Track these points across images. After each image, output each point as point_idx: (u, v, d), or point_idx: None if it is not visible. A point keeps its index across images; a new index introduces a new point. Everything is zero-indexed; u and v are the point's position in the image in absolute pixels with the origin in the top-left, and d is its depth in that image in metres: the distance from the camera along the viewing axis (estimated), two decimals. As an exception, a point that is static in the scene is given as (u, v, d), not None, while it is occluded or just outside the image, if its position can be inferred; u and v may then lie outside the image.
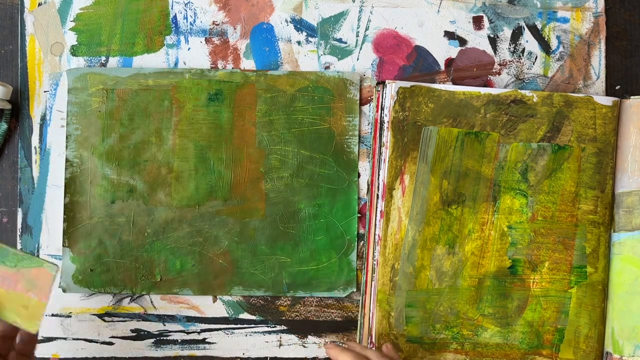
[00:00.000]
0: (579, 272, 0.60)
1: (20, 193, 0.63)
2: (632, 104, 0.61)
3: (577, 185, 0.60)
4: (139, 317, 0.63)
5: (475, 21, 0.64)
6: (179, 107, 0.62)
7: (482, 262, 0.60)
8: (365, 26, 0.64)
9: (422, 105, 0.60)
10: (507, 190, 0.60)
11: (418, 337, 0.60)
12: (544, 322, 0.60)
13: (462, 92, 0.60)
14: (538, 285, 0.60)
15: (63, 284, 0.62)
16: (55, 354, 0.62)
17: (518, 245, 0.60)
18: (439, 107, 0.60)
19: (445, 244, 0.60)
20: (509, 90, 0.61)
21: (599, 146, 0.60)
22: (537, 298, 0.60)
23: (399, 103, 0.60)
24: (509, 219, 0.60)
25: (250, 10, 0.64)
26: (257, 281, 0.62)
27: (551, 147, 0.60)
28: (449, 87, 0.61)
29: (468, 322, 0.60)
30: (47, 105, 0.63)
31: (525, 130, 0.60)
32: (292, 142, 0.62)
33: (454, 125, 0.60)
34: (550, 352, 0.60)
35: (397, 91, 0.60)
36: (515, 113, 0.60)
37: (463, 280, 0.60)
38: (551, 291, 0.60)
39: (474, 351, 0.60)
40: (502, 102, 0.60)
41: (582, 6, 0.64)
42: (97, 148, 0.62)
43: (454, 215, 0.60)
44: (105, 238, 0.62)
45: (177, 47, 0.64)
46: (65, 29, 0.64)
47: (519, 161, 0.60)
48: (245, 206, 0.62)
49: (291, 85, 0.63)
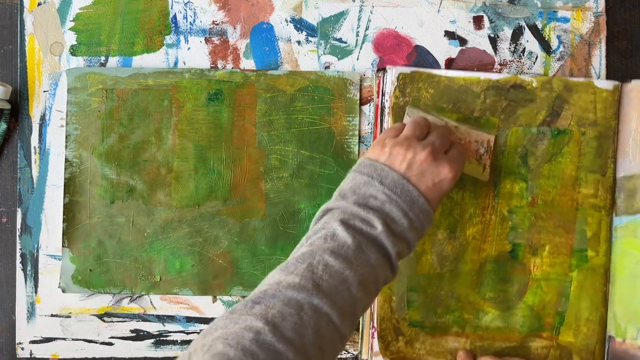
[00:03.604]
0: (579, 255, 0.60)
1: (20, 193, 0.63)
2: (633, 87, 0.61)
3: (577, 169, 0.60)
4: (138, 317, 0.62)
5: (475, 21, 0.64)
6: (179, 107, 0.62)
7: (483, 246, 0.60)
8: (365, 26, 0.64)
9: (422, 90, 0.60)
10: (507, 175, 0.60)
11: (419, 321, 0.60)
12: (545, 305, 0.60)
13: (462, 77, 0.61)
14: (539, 269, 0.60)
15: (62, 284, 0.61)
16: (55, 354, 0.62)
17: (519, 230, 0.60)
18: (438, 92, 0.60)
19: (446, 228, 0.60)
20: (508, 75, 0.61)
21: (599, 130, 0.60)
22: (538, 282, 0.60)
23: (399, 89, 0.60)
24: (510, 204, 0.60)
25: (250, 10, 0.64)
26: (257, 281, 0.62)
27: (551, 132, 0.60)
28: (449, 72, 0.61)
29: (469, 306, 0.60)
30: (47, 105, 0.63)
31: (525, 115, 0.60)
32: (292, 142, 0.62)
33: (454, 111, 0.60)
34: (551, 334, 0.60)
35: (397, 77, 0.60)
36: (515, 98, 0.60)
37: (464, 265, 0.60)
38: (552, 275, 0.60)
39: (474, 334, 0.60)
40: (502, 88, 0.60)
41: (583, 6, 0.64)
42: (96, 148, 0.62)
43: (455, 200, 0.60)
44: (105, 238, 0.62)
45: (176, 46, 0.63)
46: (64, 29, 0.64)
47: (519, 146, 0.60)
48: (245, 206, 0.62)
49: (291, 85, 0.62)
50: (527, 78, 0.60)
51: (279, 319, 0.41)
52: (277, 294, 0.42)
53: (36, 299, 0.62)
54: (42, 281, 0.62)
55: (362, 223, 0.47)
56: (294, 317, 0.41)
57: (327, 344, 0.42)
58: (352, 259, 0.45)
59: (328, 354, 0.43)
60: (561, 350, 0.60)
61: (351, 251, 0.45)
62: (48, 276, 0.62)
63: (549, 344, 0.60)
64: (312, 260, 0.45)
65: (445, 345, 0.60)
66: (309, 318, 0.42)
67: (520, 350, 0.60)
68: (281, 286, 0.43)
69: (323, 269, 0.44)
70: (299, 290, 0.43)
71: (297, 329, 0.41)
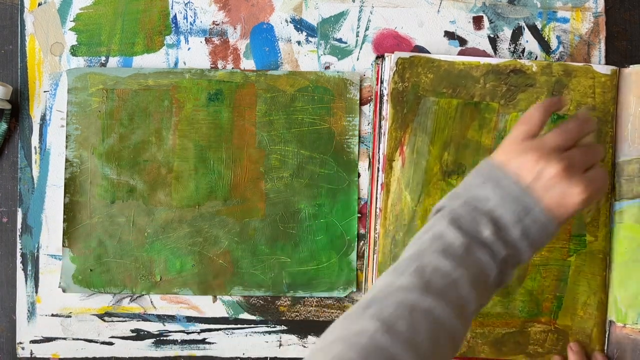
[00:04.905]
0: (578, 240, 0.61)
1: (20, 193, 0.63)
2: (631, 72, 0.61)
3: None
4: (138, 317, 0.63)
5: (475, 21, 0.64)
6: (179, 107, 0.62)
7: None
8: (365, 26, 0.64)
9: (422, 75, 0.60)
10: None
11: None
12: (543, 290, 0.61)
13: (462, 62, 0.61)
14: (537, 254, 0.61)
15: (63, 284, 0.61)
16: (55, 354, 0.62)
17: None
18: (438, 77, 0.60)
19: None
20: (508, 60, 0.61)
21: (597, 115, 0.61)
22: (537, 267, 0.61)
23: (398, 74, 0.60)
24: None
25: (250, 10, 0.64)
26: (257, 281, 0.62)
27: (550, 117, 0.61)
28: (449, 57, 0.61)
29: None
30: (47, 105, 0.63)
31: (525, 100, 0.61)
32: (292, 142, 0.62)
33: (454, 96, 0.60)
34: (549, 319, 0.61)
35: (396, 62, 0.60)
36: (515, 83, 0.61)
37: None
38: (550, 260, 0.61)
39: (475, 321, 0.61)
40: (502, 72, 0.61)
41: (582, 6, 0.64)
42: (97, 148, 0.62)
43: (454, 186, 0.60)
44: (105, 238, 0.62)
45: (177, 47, 0.64)
46: (65, 29, 0.64)
47: None
48: (245, 206, 0.62)
49: (291, 85, 0.63)
50: (526, 62, 0.61)
51: (393, 320, 0.41)
52: (389, 296, 0.42)
53: (37, 299, 0.62)
54: (42, 281, 0.62)
55: (470, 225, 0.45)
56: (408, 319, 0.41)
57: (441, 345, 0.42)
58: (461, 259, 0.44)
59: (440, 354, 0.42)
60: (558, 333, 0.61)
61: (460, 251, 0.44)
62: (48, 276, 0.62)
63: (547, 328, 0.61)
64: (421, 261, 0.44)
65: None
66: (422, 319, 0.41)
67: (520, 336, 0.61)
68: (392, 288, 0.43)
69: (432, 270, 0.44)
70: (410, 291, 0.42)
71: (411, 330, 0.41)
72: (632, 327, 0.60)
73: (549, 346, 0.61)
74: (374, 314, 0.41)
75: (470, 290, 0.44)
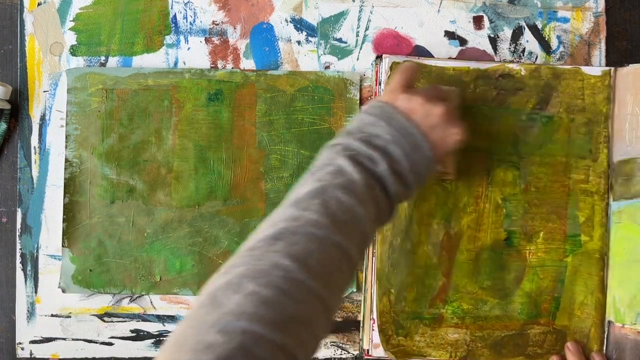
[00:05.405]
0: (573, 240, 0.61)
1: (20, 193, 0.63)
2: (628, 72, 0.61)
3: (567, 156, 0.61)
4: (138, 317, 0.62)
5: (475, 21, 0.64)
6: (179, 107, 0.62)
7: (478, 235, 0.61)
8: (365, 26, 0.64)
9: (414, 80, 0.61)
10: (499, 163, 0.61)
11: (418, 313, 0.60)
12: (542, 291, 0.61)
13: (452, 67, 0.61)
14: (534, 256, 0.61)
15: (62, 284, 0.61)
16: (55, 354, 0.62)
17: (513, 217, 0.61)
18: (430, 82, 0.61)
19: (441, 218, 0.61)
20: (496, 64, 0.61)
21: (588, 116, 0.61)
22: (534, 268, 0.61)
23: None
24: (503, 191, 0.61)
25: (250, 10, 0.64)
26: (257, 281, 0.62)
27: (540, 119, 0.61)
28: (439, 62, 0.61)
29: (467, 296, 0.61)
30: (47, 105, 0.63)
31: (515, 104, 0.61)
32: (292, 142, 0.62)
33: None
34: (548, 320, 0.61)
35: (390, 66, 0.61)
36: (504, 87, 0.61)
37: (460, 254, 0.61)
38: (547, 261, 0.61)
39: (474, 325, 0.61)
40: (491, 77, 0.61)
41: (583, 6, 0.64)
42: (96, 148, 0.62)
43: (449, 189, 0.61)
44: (105, 238, 0.62)
45: (176, 46, 0.63)
46: (64, 29, 0.64)
47: (510, 134, 0.61)
48: (245, 206, 0.62)
49: (291, 85, 0.62)
50: (515, 66, 0.61)
51: (305, 256, 0.41)
52: (298, 230, 0.42)
53: (36, 299, 0.62)
54: (42, 281, 0.62)
55: (367, 160, 0.47)
56: (319, 254, 0.41)
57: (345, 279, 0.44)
58: (362, 196, 0.45)
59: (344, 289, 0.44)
60: (557, 334, 0.61)
61: (360, 188, 0.46)
62: (48, 276, 0.62)
63: (546, 329, 0.61)
64: (324, 196, 0.45)
65: (445, 337, 0.60)
66: (332, 255, 0.42)
67: (519, 338, 0.61)
68: (300, 223, 0.43)
69: (337, 206, 0.44)
70: (319, 227, 0.43)
71: (323, 266, 0.41)
72: (631, 327, 0.59)
73: (547, 347, 0.61)
74: (283, 250, 0.41)
75: (370, 226, 0.46)
